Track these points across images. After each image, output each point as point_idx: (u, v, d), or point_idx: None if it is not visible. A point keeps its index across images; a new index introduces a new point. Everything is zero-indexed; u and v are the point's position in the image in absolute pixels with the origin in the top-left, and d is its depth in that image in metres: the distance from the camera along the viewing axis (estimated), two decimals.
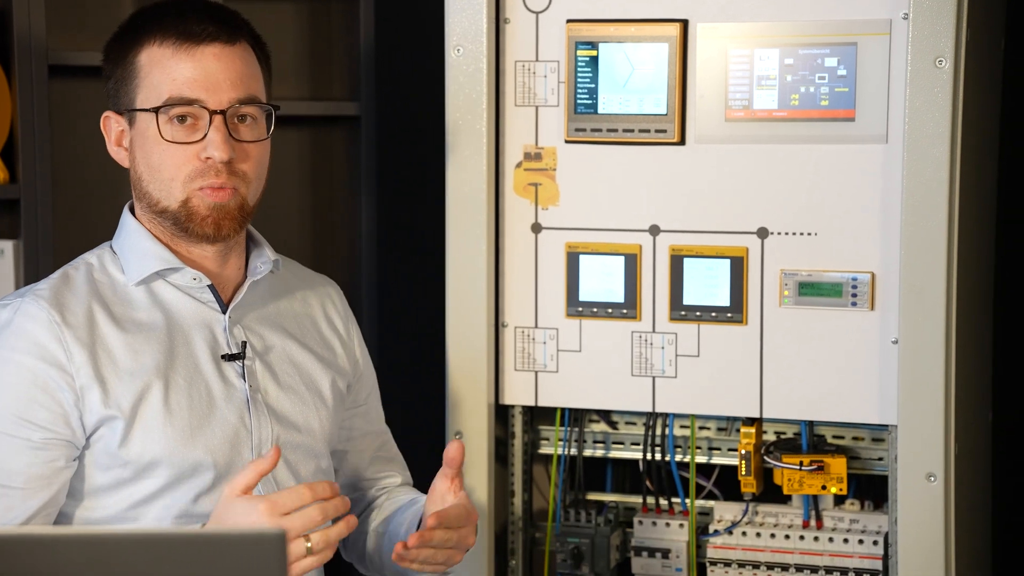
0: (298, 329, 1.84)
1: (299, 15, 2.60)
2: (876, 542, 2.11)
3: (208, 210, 1.69)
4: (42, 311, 1.65)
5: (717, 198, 2.10)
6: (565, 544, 2.21)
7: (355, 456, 1.93)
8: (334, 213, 2.64)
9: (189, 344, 1.71)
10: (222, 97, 1.68)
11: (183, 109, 1.67)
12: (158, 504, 1.67)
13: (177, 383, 1.68)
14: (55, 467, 1.64)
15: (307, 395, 1.80)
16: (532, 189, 2.17)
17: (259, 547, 1.12)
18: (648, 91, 2.10)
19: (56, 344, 1.64)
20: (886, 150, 2.03)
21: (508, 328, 2.20)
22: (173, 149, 1.68)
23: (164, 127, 1.67)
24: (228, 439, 1.70)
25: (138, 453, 1.65)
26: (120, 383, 1.65)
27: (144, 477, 1.66)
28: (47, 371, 1.63)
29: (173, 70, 1.67)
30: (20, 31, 2.20)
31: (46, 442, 1.63)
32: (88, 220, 2.46)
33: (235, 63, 1.69)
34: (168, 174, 1.69)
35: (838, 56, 2.03)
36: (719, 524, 2.18)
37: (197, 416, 1.68)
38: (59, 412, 1.63)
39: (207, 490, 1.68)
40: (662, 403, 2.15)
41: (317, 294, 1.90)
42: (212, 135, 1.67)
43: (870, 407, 2.06)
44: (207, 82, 1.67)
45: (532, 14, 2.15)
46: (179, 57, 1.68)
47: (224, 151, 1.67)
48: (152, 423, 1.66)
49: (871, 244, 2.05)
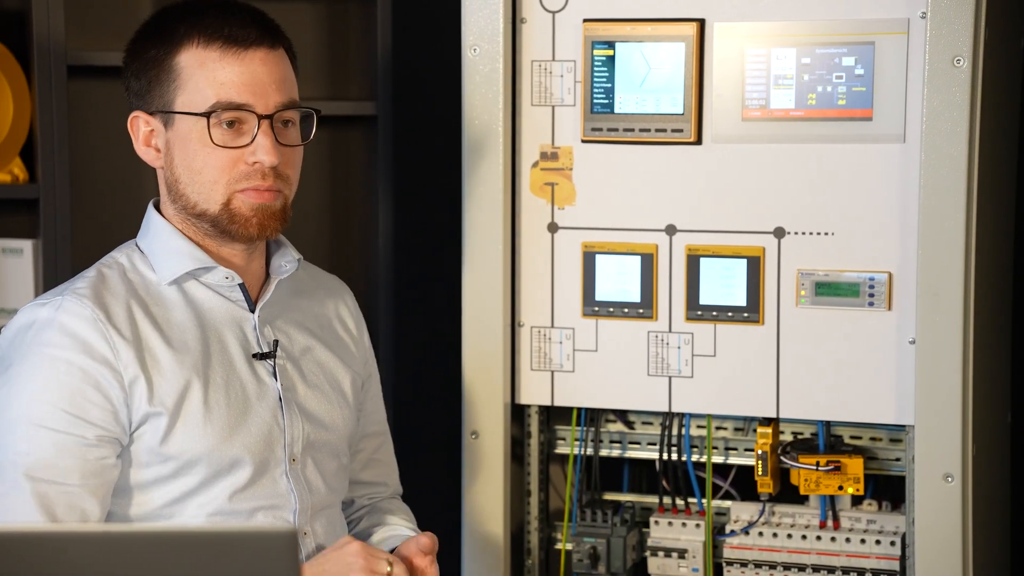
0: (319, 328, 1.85)
1: (317, 15, 2.60)
2: (893, 543, 2.10)
3: (252, 211, 1.69)
4: (86, 309, 1.65)
5: (734, 198, 2.10)
6: (581, 544, 2.21)
7: (352, 456, 1.92)
8: (351, 212, 2.64)
9: (223, 343, 1.72)
10: (269, 102, 1.68)
11: (233, 114, 1.67)
12: (194, 502, 1.68)
13: (215, 381, 1.69)
14: (106, 464, 1.64)
15: (331, 393, 1.81)
16: (548, 189, 2.17)
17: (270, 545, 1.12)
18: (665, 91, 2.10)
19: (103, 341, 1.64)
20: (904, 150, 2.02)
21: (524, 328, 2.20)
22: (220, 153, 1.68)
23: (214, 131, 1.67)
24: (263, 437, 1.71)
25: (178, 450, 1.66)
26: (163, 380, 1.66)
27: (183, 475, 1.67)
28: (97, 368, 1.63)
29: (220, 74, 1.67)
30: (39, 32, 2.21)
31: (99, 439, 1.63)
32: (106, 219, 2.47)
33: (279, 67, 1.70)
34: (211, 177, 1.68)
35: (856, 55, 2.02)
36: (736, 524, 2.18)
37: (235, 414, 1.69)
38: (110, 409, 1.64)
39: (243, 487, 1.69)
40: (678, 403, 2.15)
41: (332, 296, 1.91)
42: (261, 140, 1.68)
43: (887, 407, 2.06)
44: (255, 87, 1.67)
45: (549, 14, 2.15)
46: (226, 61, 1.67)
47: (273, 156, 1.68)
48: (193, 420, 1.66)
49: (888, 244, 2.04)
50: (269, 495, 1.71)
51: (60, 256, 2.25)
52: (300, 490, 1.73)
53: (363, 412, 1.92)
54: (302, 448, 1.75)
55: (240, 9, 1.71)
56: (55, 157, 2.24)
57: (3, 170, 2.26)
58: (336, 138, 2.63)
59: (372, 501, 1.95)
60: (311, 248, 2.58)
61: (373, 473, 1.95)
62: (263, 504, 1.71)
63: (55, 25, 2.22)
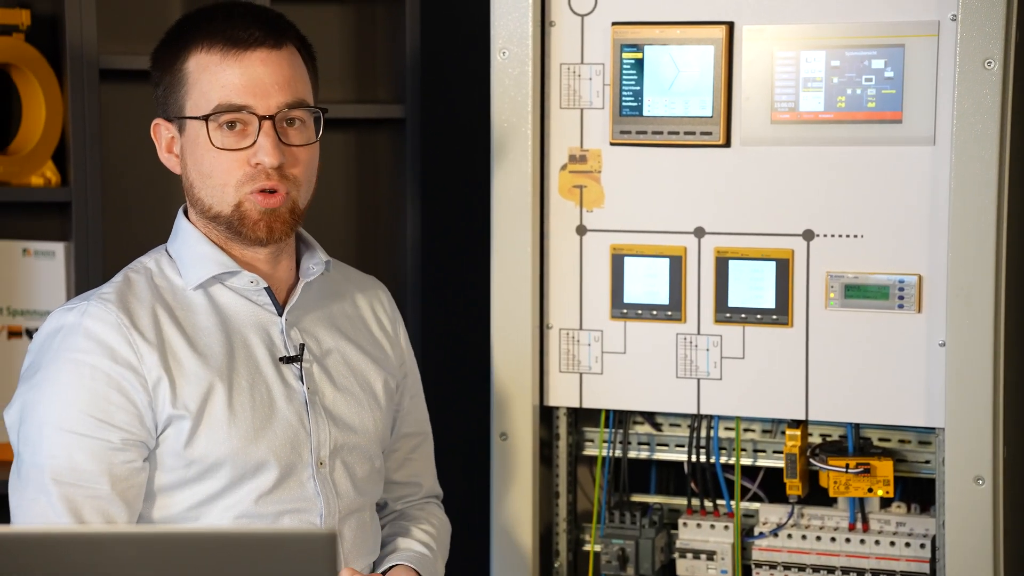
0: (351, 330, 1.85)
1: (344, 18, 2.61)
2: (923, 545, 2.10)
3: (260, 215, 1.70)
4: (110, 314, 1.66)
5: (762, 200, 2.10)
6: (610, 546, 2.21)
7: (387, 456, 1.92)
8: (379, 215, 2.65)
9: (248, 346, 1.73)
10: (270, 102, 1.68)
11: (232, 116, 1.68)
12: (219, 505, 1.68)
13: (240, 384, 1.70)
14: (134, 468, 1.65)
15: (362, 396, 1.80)
16: (577, 191, 2.18)
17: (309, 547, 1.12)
18: (693, 93, 2.10)
19: (126, 346, 1.65)
20: (934, 152, 2.02)
21: (553, 330, 2.20)
22: (223, 155, 1.69)
23: (214, 134, 1.68)
24: (289, 440, 1.71)
25: (202, 453, 1.66)
26: (187, 384, 1.66)
27: (207, 478, 1.67)
28: (121, 373, 1.64)
29: (221, 76, 1.68)
30: (72, 36, 2.23)
31: (125, 443, 1.64)
32: (137, 222, 2.48)
33: (282, 67, 1.70)
34: (220, 180, 1.70)
35: (885, 58, 2.02)
36: (764, 526, 2.18)
37: (260, 417, 1.70)
38: (135, 413, 1.64)
39: (268, 491, 1.69)
40: (707, 405, 2.15)
41: (366, 295, 1.91)
42: (262, 141, 1.68)
43: (917, 410, 2.05)
44: (255, 88, 1.68)
45: (577, 17, 2.16)
46: (226, 63, 1.68)
47: (274, 156, 1.68)
48: (217, 423, 1.67)
49: (918, 246, 2.04)
50: (295, 498, 1.71)
51: (92, 258, 2.26)
52: (327, 493, 1.73)
53: (399, 412, 1.92)
54: (330, 452, 1.75)
55: (246, 11, 1.72)
56: (87, 160, 2.25)
57: (35, 173, 2.27)
58: (363, 141, 2.64)
59: (404, 506, 1.94)
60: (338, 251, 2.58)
61: (407, 473, 1.95)
62: (289, 507, 1.71)
63: (87, 30, 2.24)
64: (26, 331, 2.31)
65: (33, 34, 2.27)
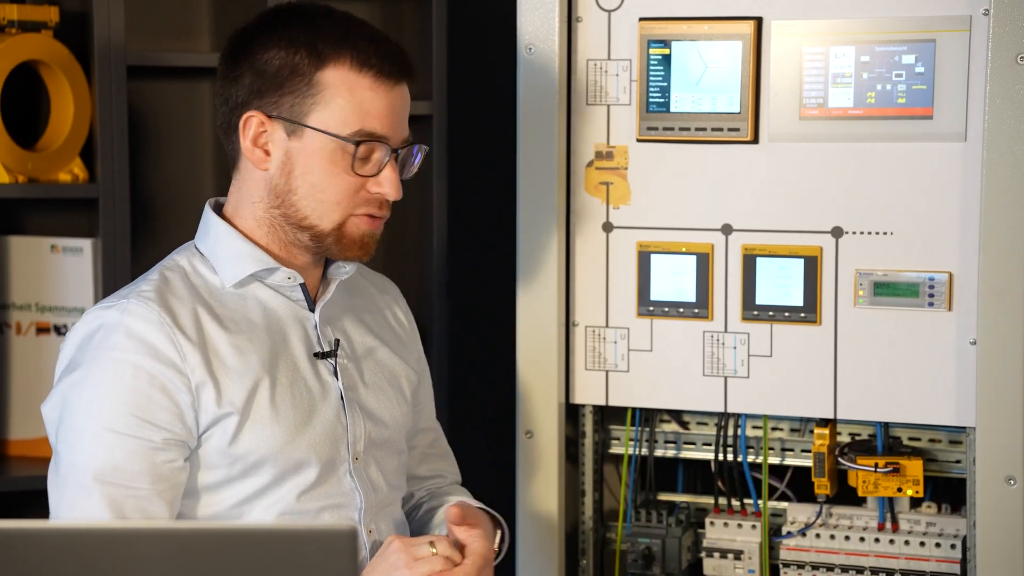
0: (377, 326, 1.86)
1: (372, 14, 2.61)
2: (954, 545, 2.08)
3: (361, 235, 1.72)
4: (152, 312, 1.65)
5: (791, 197, 2.08)
6: (636, 544, 2.20)
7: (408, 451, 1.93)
8: (406, 211, 2.65)
9: (287, 343, 1.73)
10: (400, 137, 1.71)
11: (372, 145, 1.68)
12: (262, 502, 1.68)
13: (281, 381, 1.70)
14: (175, 467, 1.64)
15: (390, 391, 1.82)
16: (603, 188, 2.17)
17: (329, 543, 1.12)
18: (721, 89, 2.08)
19: (170, 345, 1.64)
20: (965, 148, 2.00)
21: (579, 327, 2.19)
22: (349, 178, 1.68)
23: (350, 157, 1.67)
24: (328, 436, 1.72)
25: (247, 450, 1.66)
26: (231, 382, 1.66)
27: (250, 475, 1.67)
28: (164, 372, 1.63)
29: (369, 103, 1.67)
30: (100, 33, 2.23)
31: (166, 443, 1.63)
32: (164, 219, 2.49)
33: (407, 102, 1.74)
34: (333, 198, 1.69)
35: (916, 53, 2.00)
36: (792, 526, 2.16)
37: (301, 414, 1.70)
38: (176, 412, 1.63)
39: (310, 487, 1.69)
40: (734, 403, 2.13)
41: (382, 293, 1.93)
42: (389, 174, 1.70)
43: (947, 408, 2.03)
44: (393, 120, 1.70)
45: (604, 12, 2.15)
46: (377, 91, 1.67)
47: (398, 191, 1.71)
48: (262, 420, 1.67)
49: (949, 243, 2.01)
50: (335, 494, 1.72)
51: (119, 255, 2.27)
52: (365, 488, 1.74)
53: (417, 406, 1.92)
54: (364, 447, 1.75)
55: (386, 38, 1.72)
56: (114, 157, 2.26)
57: (63, 170, 2.28)
58: None
59: (430, 491, 1.95)
60: None
61: (429, 467, 1.96)
62: (329, 503, 1.71)
63: (115, 26, 2.24)
64: (54, 327, 2.32)
65: (62, 31, 2.29)
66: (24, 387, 2.32)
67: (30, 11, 2.24)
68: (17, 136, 2.27)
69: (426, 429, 1.96)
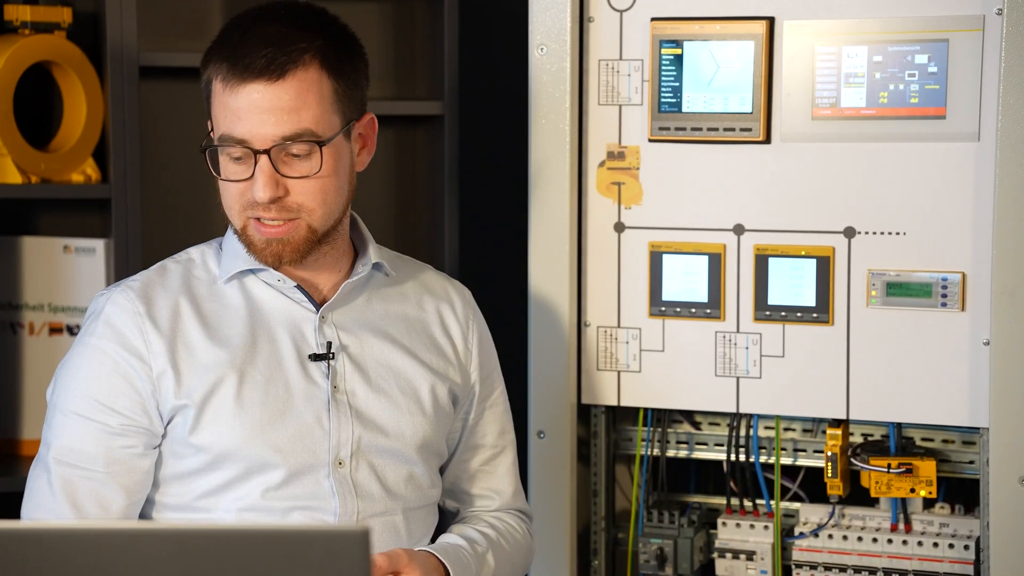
0: (404, 333, 1.80)
1: (383, 15, 2.61)
2: (967, 547, 2.07)
3: (263, 243, 1.69)
4: (128, 301, 1.70)
5: (803, 197, 2.08)
6: (648, 545, 2.20)
7: (457, 466, 1.89)
8: (417, 212, 2.65)
9: (274, 341, 1.72)
10: (265, 136, 1.64)
11: (233, 149, 1.66)
12: (228, 496, 1.69)
13: (254, 379, 1.70)
14: (132, 453, 1.68)
15: (401, 400, 1.77)
16: (615, 188, 2.17)
17: (342, 544, 1.12)
18: (733, 89, 2.08)
19: (137, 333, 1.68)
20: (978, 148, 1.99)
21: (590, 328, 2.19)
22: (225, 183, 1.69)
23: (222, 163, 1.68)
24: (300, 438, 1.70)
25: (208, 443, 1.68)
26: (194, 375, 1.68)
27: (215, 469, 1.69)
28: (128, 359, 1.68)
29: (225, 107, 1.66)
30: (112, 34, 2.24)
31: (124, 428, 1.67)
32: (177, 219, 2.49)
33: (281, 98, 1.64)
34: (227, 203, 1.71)
35: (928, 53, 2.00)
36: (805, 526, 2.15)
37: (269, 413, 1.69)
38: (137, 400, 1.67)
39: (276, 487, 1.69)
40: (746, 404, 2.13)
41: (436, 300, 1.86)
42: (257, 175, 1.65)
43: (960, 409, 2.03)
44: (251, 121, 1.64)
45: (616, 12, 2.14)
46: (227, 94, 1.65)
47: (266, 192, 1.65)
48: (221, 415, 1.68)
49: (962, 244, 2.01)
50: (307, 495, 1.70)
51: (131, 255, 2.27)
52: (344, 493, 1.70)
53: (467, 423, 1.87)
54: (352, 452, 1.72)
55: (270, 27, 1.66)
56: (127, 157, 2.26)
57: (76, 170, 2.29)
58: (402, 138, 2.64)
59: (475, 512, 1.89)
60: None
61: (482, 486, 1.89)
62: (299, 504, 1.69)
63: (128, 27, 2.25)
64: (66, 327, 2.32)
65: (74, 32, 2.29)
66: (36, 387, 2.33)
67: (43, 12, 2.25)
68: (30, 137, 2.27)
69: (483, 446, 1.89)
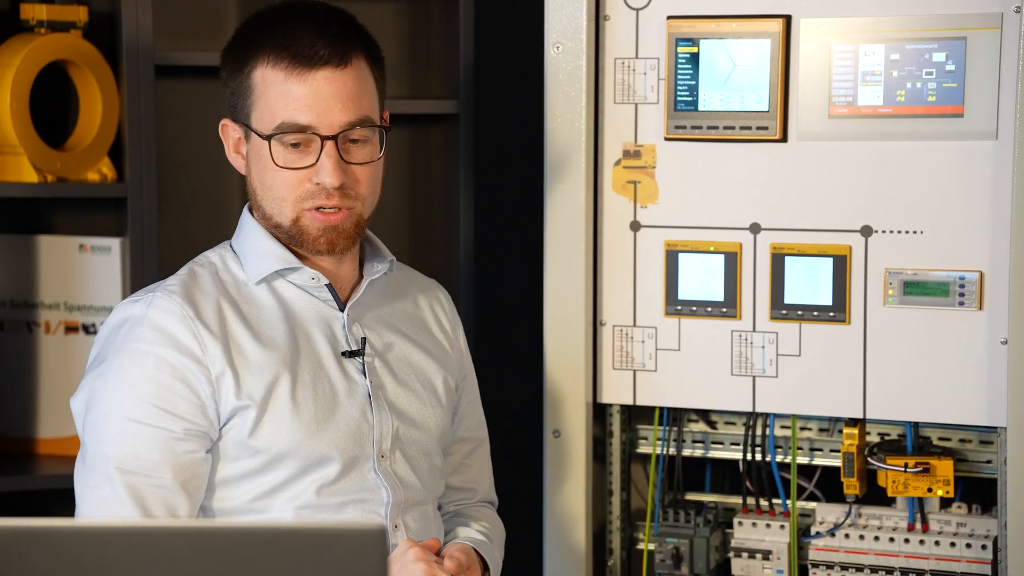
0: (412, 329, 1.86)
1: (399, 14, 2.61)
2: (984, 546, 2.06)
3: (319, 231, 1.71)
4: (175, 305, 1.69)
5: (820, 196, 2.07)
6: (664, 544, 2.19)
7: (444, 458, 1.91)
8: (433, 211, 2.65)
9: (310, 340, 1.74)
10: (333, 122, 1.68)
11: (296, 136, 1.68)
12: (283, 496, 1.69)
13: (302, 378, 1.71)
14: (196, 458, 1.67)
15: (423, 392, 1.82)
16: (631, 187, 2.16)
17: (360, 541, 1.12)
18: (750, 88, 2.07)
19: (191, 337, 1.67)
20: (996, 146, 1.98)
21: (606, 326, 2.19)
22: (285, 173, 1.70)
23: (276, 152, 1.69)
24: (351, 433, 1.72)
25: (267, 443, 1.68)
26: (251, 375, 1.68)
27: (271, 469, 1.69)
28: (185, 363, 1.66)
29: (286, 95, 1.68)
30: (128, 32, 2.24)
31: (187, 433, 1.66)
32: (192, 218, 2.50)
33: (347, 85, 1.69)
34: (279, 194, 1.71)
35: (946, 51, 1.99)
36: (821, 526, 2.15)
37: (322, 410, 1.71)
38: (197, 403, 1.66)
39: (330, 482, 1.71)
40: (762, 403, 2.12)
41: (427, 297, 1.92)
42: (324, 161, 1.68)
43: (978, 408, 2.02)
44: (319, 107, 1.67)
45: (632, 11, 2.14)
46: (291, 82, 1.68)
47: (335, 177, 1.68)
48: (281, 414, 1.69)
49: (979, 242, 2.00)
50: (358, 489, 1.73)
51: (147, 254, 2.27)
52: (391, 484, 1.74)
53: (456, 415, 1.92)
54: (391, 443, 1.76)
55: (311, 24, 1.70)
56: (142, 156, 2.27)
57: (92, 169, 2.29)
58: (417, 137, 2.64)
59: (458, 507, 1.94)
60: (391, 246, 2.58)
61: (462, 479, 1.94)
62: (351, 498, 1.72)
63: (143, 26, 2.25)
64: (82, 326, 2.33)
65: (90, 31, 2.29)
66: (53, 386, 2.33)
67: (59, 11, 2.25)
68: (46, 136, 2.28)
69: (465, 439, 1.94)
